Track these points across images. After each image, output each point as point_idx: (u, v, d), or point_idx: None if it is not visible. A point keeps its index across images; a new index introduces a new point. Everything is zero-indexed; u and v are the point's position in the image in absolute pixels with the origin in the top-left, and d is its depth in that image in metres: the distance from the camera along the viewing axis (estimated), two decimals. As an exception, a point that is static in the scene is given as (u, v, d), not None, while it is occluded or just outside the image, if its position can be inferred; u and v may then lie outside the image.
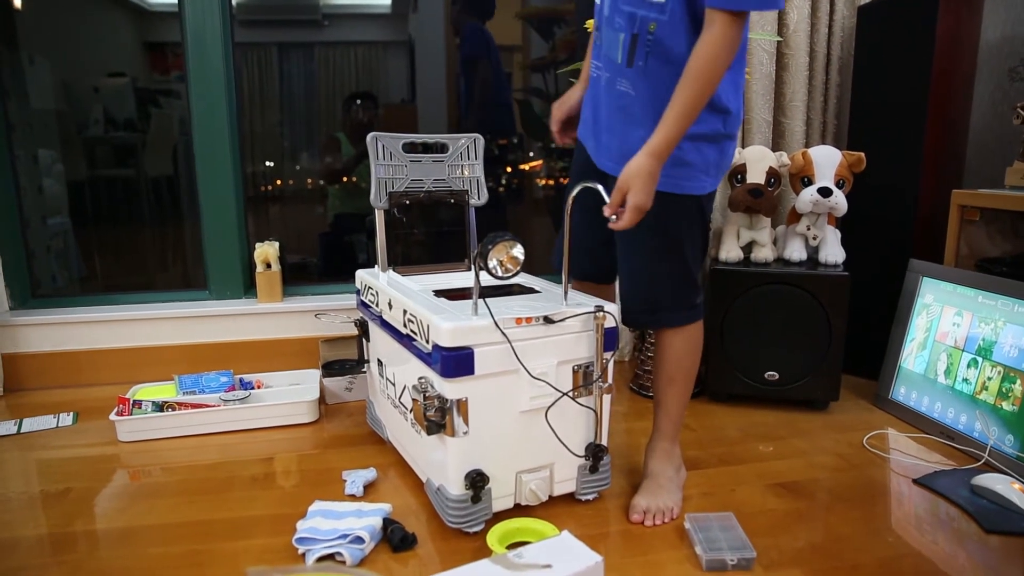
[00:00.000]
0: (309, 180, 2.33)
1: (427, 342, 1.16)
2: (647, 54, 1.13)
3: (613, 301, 1.33)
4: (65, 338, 1.98)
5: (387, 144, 1.50)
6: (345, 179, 2.33)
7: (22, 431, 1.67)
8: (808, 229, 1.79)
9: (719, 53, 1.05)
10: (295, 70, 2.27)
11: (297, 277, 2.24)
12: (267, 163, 2.27)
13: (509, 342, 1.13)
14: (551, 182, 2.47)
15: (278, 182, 2.30)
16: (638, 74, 1.15)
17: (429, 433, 1.14)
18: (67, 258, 2.18)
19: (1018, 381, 1.45)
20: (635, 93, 1.17)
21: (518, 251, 1.19)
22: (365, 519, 1.18)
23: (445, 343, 1.10)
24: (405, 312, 1.26)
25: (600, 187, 1.14)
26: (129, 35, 2.15)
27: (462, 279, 1.51)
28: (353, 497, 1.32)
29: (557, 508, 1.27)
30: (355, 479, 1.36)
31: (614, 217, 1.10)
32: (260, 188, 2.27)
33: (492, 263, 1.16)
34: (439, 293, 1.32)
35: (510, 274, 1.19)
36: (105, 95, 2.13)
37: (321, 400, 1.81)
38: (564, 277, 1.26)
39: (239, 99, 2.09)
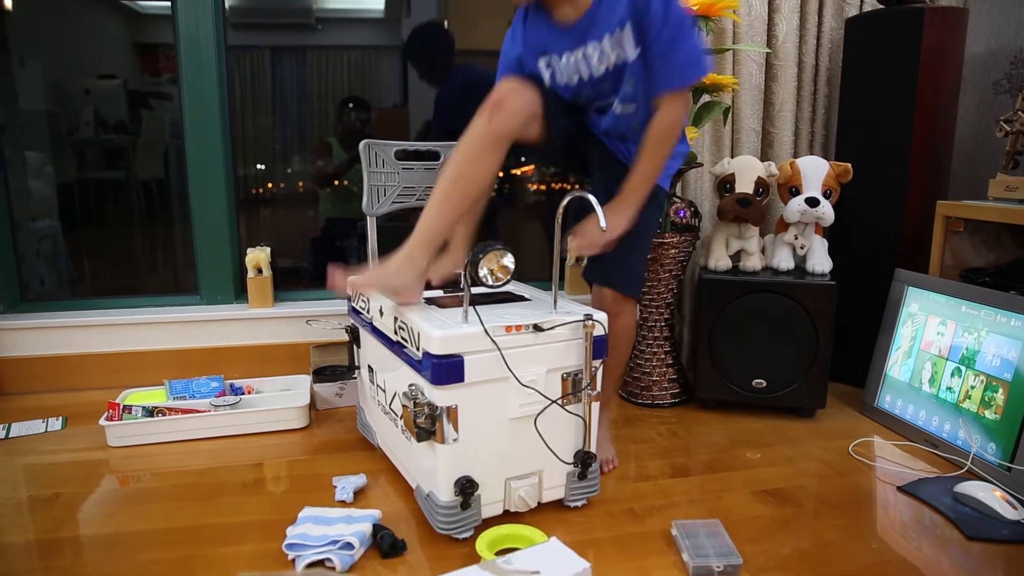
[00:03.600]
0: (300, 184, 2.33)
1: (417, 349, 1.17)
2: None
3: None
4: (54, 342, 1.98)
5: (379, 152, 1.51)
6: (337, 183, 2.34)
7: (10, 436, 1.67)
8: (796, 238, 1.81)
9: (677, 125, 1.29)
10: (287, 74, 2.27)
11: (288, 282, 2.24)
12: (259, 166, 2.27)
13: (499, 350, 1.14)
14: (542, 187, 2.48)
15: (270, 186, 2.29)
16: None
17: (419, 440, 1.15)
18: (56, 261, 2.17)
19: (1000, 390, 1.47)
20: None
21: (508, 260, 1.20)
22: (355, 525, 1.18)
23: (436, 351, 1.11)
24: (396, 319, 1.27)
25: (592, 197, 1.16)
26: (120, 37, 2.15)
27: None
28: (343, 503, 1.33)
29: (546, 515, 1.28)
30: (345, 485, 1.36)
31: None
32: (251, 192, 2.27)
33: (483, 272, 1.17)
34: (430, 301, 1.33)
35: (500, 283, 1.20)
36: (96, 97, 2.13)
37: (311, 406, 1.81)
38: (554, 285, 1.27)
39: (231, 102, 2.09)
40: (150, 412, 1.65)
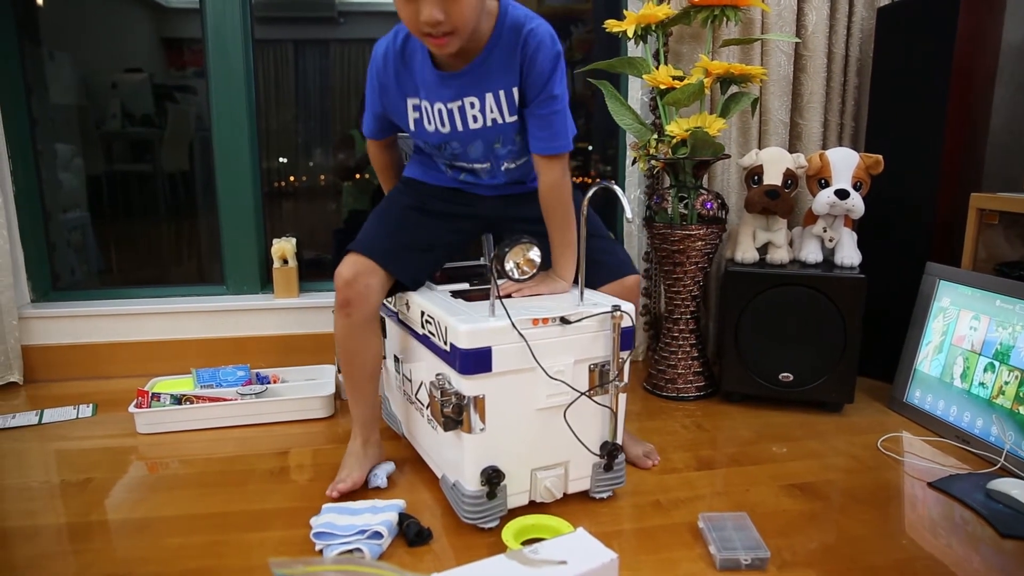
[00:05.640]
0: (323, 176, 2.34)
1: (445, 343, 1.17)
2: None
3: (634, 300, 1.34)
4: (85, 330, 2.01)
5: (400, 146, 1.51)
6: (359, 176, 2.35)
7: (43, 422, 1.70)
8: (824, 231, 1.79)
9: (561, 184, 1.28)
10: (311, 67, 2.28)
11: (312, 274, 2.25)
12: (282, 159, 2.28)
13: (527, 343, 1.14)
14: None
15: (292, 179, 2.31)
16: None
17: (446, 429, 1.15)
18: (86, 252, 2.20)
19: (1036, 386, 1.44)
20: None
21: (534, 254, 1.20)
22: (381, 515, 1.19)
23: (463, 345, 1.11)
24: (423, 313, 1.27)
25: (617, 188, 1.15)
26: (146, 31, 2.17)
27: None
28: (377, 489, 1.34)
29: (572, 506, 1.27)
30: (378, 472, 1.37)
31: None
32: (275, 185, 2.28)
33: (509, 265, 1.17)
34: (456, 294, 1.33)
35: (526, 276, 1.20)
36: (123, 90, 2.15)
37: (337, 395, 1.82)
38: (580, 277, 1.27)
39: (256, 95, 2.11)
40: (178, 400, 1.67)
